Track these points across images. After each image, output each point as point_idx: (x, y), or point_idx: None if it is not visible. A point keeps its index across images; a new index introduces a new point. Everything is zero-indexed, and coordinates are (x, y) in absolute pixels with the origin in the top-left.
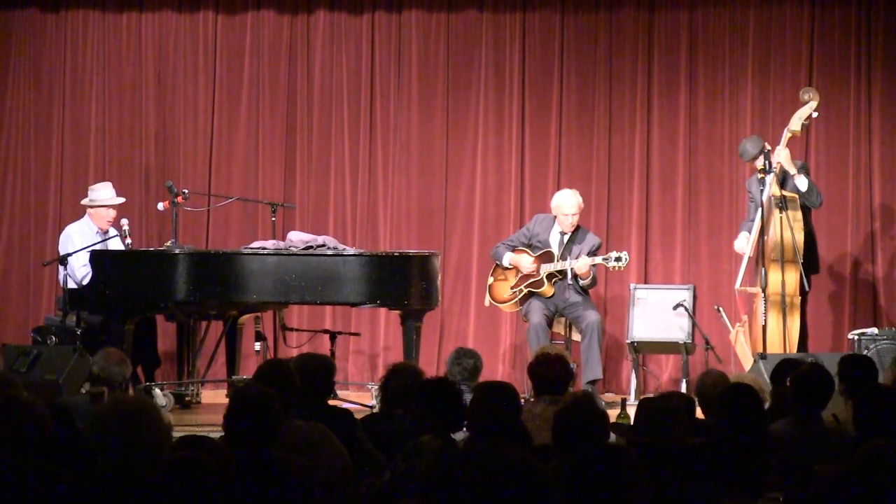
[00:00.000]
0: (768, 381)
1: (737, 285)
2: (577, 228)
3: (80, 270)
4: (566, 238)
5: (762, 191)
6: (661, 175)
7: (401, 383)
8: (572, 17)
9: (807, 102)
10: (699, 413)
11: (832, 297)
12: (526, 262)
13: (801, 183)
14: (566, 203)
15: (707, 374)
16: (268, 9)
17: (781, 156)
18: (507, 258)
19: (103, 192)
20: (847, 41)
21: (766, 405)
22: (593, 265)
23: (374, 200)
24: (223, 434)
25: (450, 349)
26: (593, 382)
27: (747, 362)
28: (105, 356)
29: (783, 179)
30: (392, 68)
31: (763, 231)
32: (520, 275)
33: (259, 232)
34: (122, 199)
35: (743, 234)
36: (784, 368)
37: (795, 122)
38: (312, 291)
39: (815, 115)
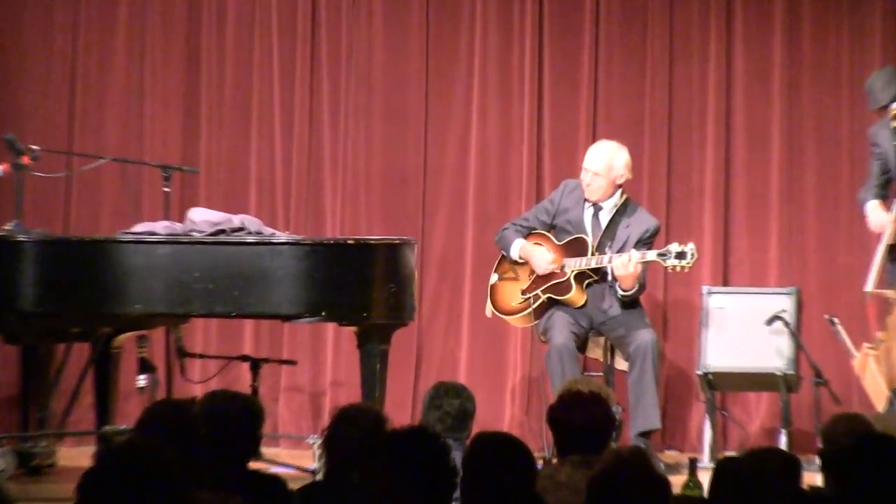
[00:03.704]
0: None
1: (868, 287)
2: (626, 203)
3: None
4: (606, 218)
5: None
6: (747, 125)
7: (355, 436)
8: None
9: None
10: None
11: None
12: (544, 254)
13: None
14: (588, 155)
15: (838, 419)
16: None
17: None
18: (518, 247)
19: None
20: None
21: None
22: (643, 262)
23: (318, 163)
24: None
25: (431, 383)
26: (647, 434)
27: (880, 402)
28: None
29: None
30: None
31: None
32: (536, 273)
33: (146, 210)
34: None
35: (874, 205)
36: None
37: None
38: (225, 298)
39: None
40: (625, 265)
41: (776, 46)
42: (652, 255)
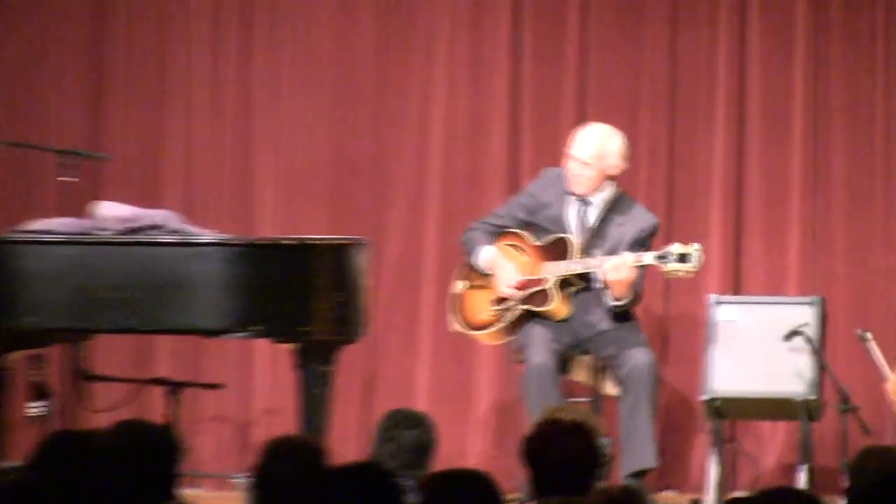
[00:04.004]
0: None
1: None
2: (619, 198)
3: None
4: (595, 214)
5: None
6: (763, 105)
7: (291, 474)
8: None
9: None
10: None
11: None
12: (508, 276)
13: None
14: (575, 140)
15: (868, 453)
16: None
17: None
18: (486, 255)
19: None
20: None
21: None
22: (639, 266)
23: (248, 146)
24: None
25: (384, 411)
26: (641, 474)
27: None
28: None
29: None
30: None
31: None
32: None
33: (42, 204)
34: None
35: None
36: None
37: None
38: (137, 310)
39: None
40: (618, 269)
41: (799, 9)
42: (649, 257)
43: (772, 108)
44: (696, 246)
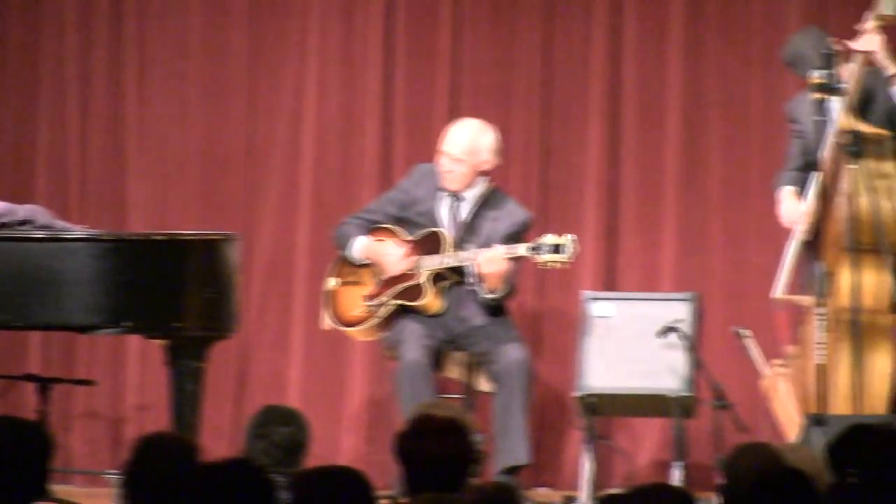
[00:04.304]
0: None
1: (776, 293)
2: (492, 193)
3: None
4: (468, 210)
5: (822, 122)
6: (638, 98)
7: (163, 470)
8: None
9: None
10: None
11: None
12: (394, 252)
13: None
14: (447, 137)
15: (743, 450)
16: None
17: (874, 44)
18: (360, 246)
19: None
20: None
21: None
22: (514, 259)
23: (119, 139)
24: None
25: (256, 408)
26: (515, 470)
27: (792, 429)
28: None
29: (864, 104)
30: None
31: (825, 197)
32: (382, 275)
33: None
34: None
35: (788, 193)
36: (853, 442)
37: (888, 2)
38: (6, 306)
39: None
40: (491, 261)
41: (675, 2)
42: (523, 248)
43: (647, 103)
44: (569, 236)
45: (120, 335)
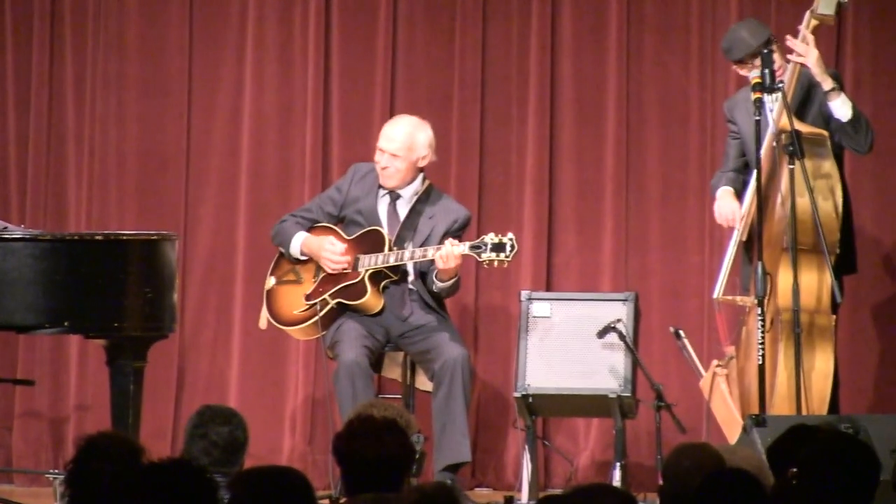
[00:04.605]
0: (766, 463)
1: (716, 293)
2: (429, 190)
3: None
4: (406, 207)
5: (757, 121)
6: (576, 98)
7: (104, 470)
8: None
9: None
10: None
11: (885, 316)
12: (333, 248)
13: (841, 107)
14: (384, 133)
15: (683, 450)
16: None
17: (810, 58)
18: (300, 242)
19: None
20: None
21: None
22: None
23: (60, 142)
24: None
25: (195, 407)
26: (455, 469)
27: (732, 430)
28: None
29: (802, 103)
30: None
31: (763, 197)
32: (322, 274)
33: None
34: None
35: (725, 192)
36: (794, 442)
37: (826, 1)
38: None
39: None
40: (451, 256)
41: (612, 1)
42: (464, 247)
43: (584, 101)
44: (510, 235)
45: (60, 335)
